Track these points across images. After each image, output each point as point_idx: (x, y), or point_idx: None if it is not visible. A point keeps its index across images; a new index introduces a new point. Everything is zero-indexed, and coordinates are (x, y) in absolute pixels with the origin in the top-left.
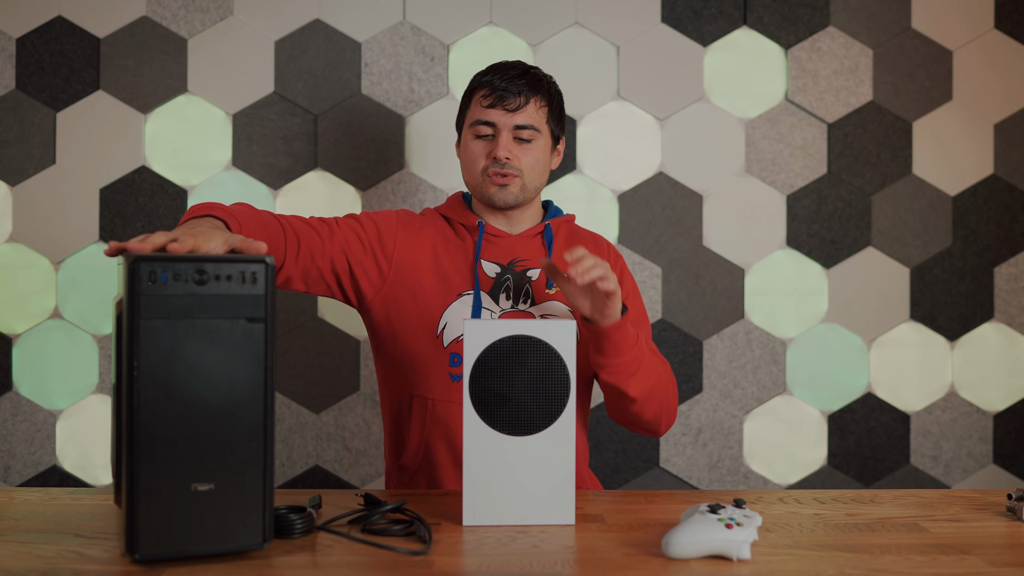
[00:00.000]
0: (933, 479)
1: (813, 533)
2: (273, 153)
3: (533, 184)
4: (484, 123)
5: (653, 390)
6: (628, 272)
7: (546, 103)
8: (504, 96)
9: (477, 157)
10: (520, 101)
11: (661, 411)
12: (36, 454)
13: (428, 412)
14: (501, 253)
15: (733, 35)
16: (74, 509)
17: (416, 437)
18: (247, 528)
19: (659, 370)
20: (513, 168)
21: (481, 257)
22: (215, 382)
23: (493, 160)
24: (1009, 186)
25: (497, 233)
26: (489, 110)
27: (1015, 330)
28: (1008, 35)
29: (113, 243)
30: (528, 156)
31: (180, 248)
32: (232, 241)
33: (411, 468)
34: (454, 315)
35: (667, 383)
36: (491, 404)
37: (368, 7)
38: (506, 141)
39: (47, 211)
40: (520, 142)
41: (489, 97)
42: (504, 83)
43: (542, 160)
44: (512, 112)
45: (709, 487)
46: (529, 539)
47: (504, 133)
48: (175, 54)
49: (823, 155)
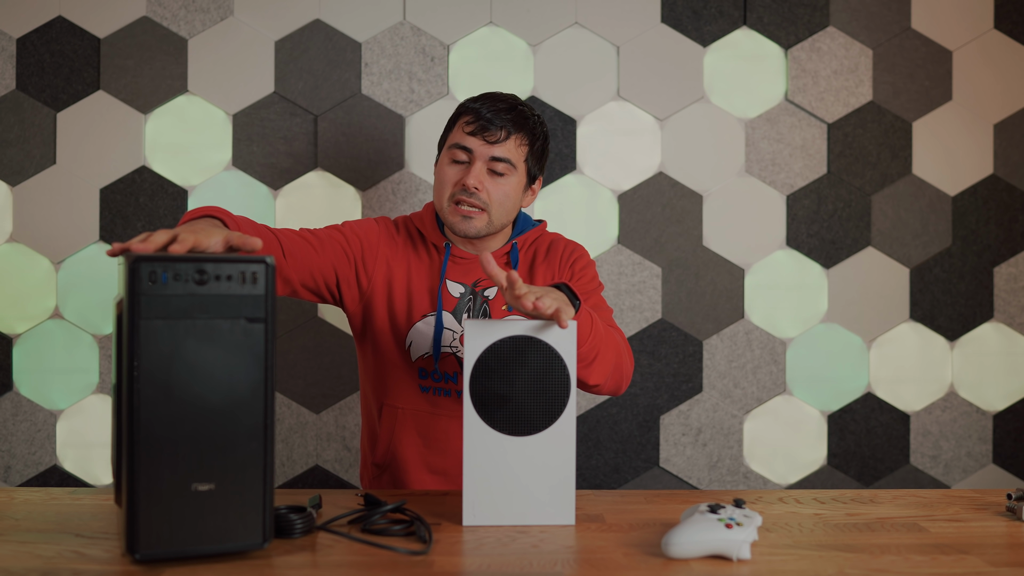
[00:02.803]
0: (933, 479)
1: (813, 533)
2: (273, 153)
3: (499, 220)
4: (461, 148)
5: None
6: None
7: (527, 142)
8: (487, 127)
9: (447, 182)
10: (501, 135)
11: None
12: (36, 454)
13: (397, 420)
14: (466, 273)
15: (733, 35)
16: (74, 509)
17: (385, 440)
18: (247, 528)
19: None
20: (480, 200)
21: (447, 278)
22: (215, 382)
23: (462, 188)
24: (1009, 186)
25: (463, 255)
26: (469, 137)
27: (1015, 330)
28: (1008, 35)
29: (116, 244)
30: (498, 190)
31: (181, 247)
32: (231, 238)
33: (381, 466)
34: (418, 335)
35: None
36: (491, 404)
37: (368, 7)
38: (478, 171)
39: (47, 211)
40: (493, 175)
41: (472, 124)
42: (490, 114)
43: (512, 196)
44: (491, 144)
45: (709, 487)
46: (529, 539)
47: (479, 163)
48: (175, 54)
49: (823, 155)
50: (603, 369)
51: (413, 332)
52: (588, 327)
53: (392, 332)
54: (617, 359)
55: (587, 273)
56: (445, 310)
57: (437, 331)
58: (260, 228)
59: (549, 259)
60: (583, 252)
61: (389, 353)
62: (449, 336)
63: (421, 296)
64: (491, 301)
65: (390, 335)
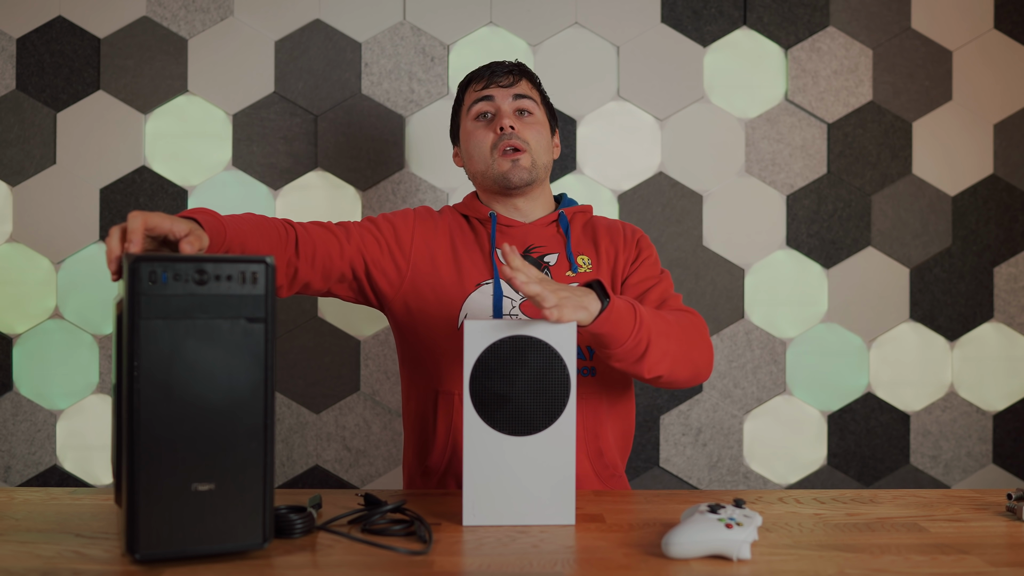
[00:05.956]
0: (933, 479)
1: (813, 533)
2: (273, 153)
3: (541, 160)
4: (483, 99)
5: (675, 361)
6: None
7: (537, 89)
8: (496, 76)
9: (483, 140)
10: (512, 79)
11: (695, 371)
12: (36, 454)
13: (455, 408)
14: (516, 242)
15: (733, 35)
16: (74, 509)
17: (443, 435)
18: (247, 528)
19: (678, 335)
20: (520, 140)
21: (497, 246)
22: (215, 382)
23: (499, 136)
24: (1009, 186)
25: (510, 223)
26: (485, 90)
27: (1015, 330)
28: (1008, 35)
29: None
30: (531, 130)
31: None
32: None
33: (438, 471)
34: (474, 304)
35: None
36: (491, 404)
37: (368, 7)
38: (508, 111)
39: (47, 211)
40: (521, 115)
41: (482, 80)
42: (495, 67)
43: (545, 136)
44: (508, 87)
45: (709, 487)
46: (529, 539)
47: (504, 105)
48: (175, 54)
49: (823, 155)
50: (660, 361)
51: (468, 303)
52: (631, 321)
53: (443, 309)
54: (683, 347)
55: (652, 256)
56: (500, 278)
57: (496, 298)
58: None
59: (612, 237)
60: (644, 234)
61: (439, 335)
62: (508, 304)
63: (472, 265)
64: (552, 267)
65: (439, 314)
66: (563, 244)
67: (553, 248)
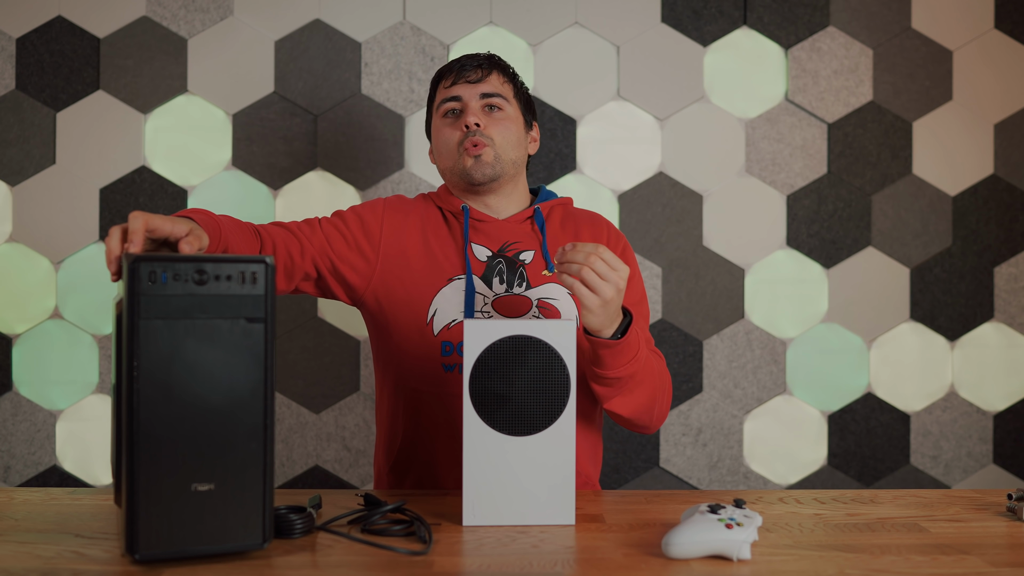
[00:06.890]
0: (933, 479)
1: (813, 533)
2: (273, 153)
3: (508, 156)
4: (451, 99)
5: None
6: (631, 255)
7: (509, 81)
8: (465, 71)
9: (448, 137)
10: (481, 73)
11: (649, 422)
12: (36, 454)
13: (422, 406)
14: (490, 239)
15: (733, 35)
16: (74, 509)
17: (409, 434)
18: (247, 528)
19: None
20: (483, 136)
21: (471, 241)
22: (215, 382)
23: (465, 131)
24: (1009, 186)
25: (482, 218)
26: (453, 87)
27: (1015, 330)
28: (1008, 35)
29: (110, 265)
30: (498, 125)
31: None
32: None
33: (401, 469)
34: (444, 301)
35: (659, 395)
36: (491, 404)
37: (368, 7)
38: (474, 108)
39: (47, 211)
40: (489, 111)
41: (451, 76)
42: (464, 60)
43: (514, 131)
44: (475, 84)
45: (709, 487)
46: (529, 539)
47: (471, 103)
48: (175, 54)
49: (823, 155)
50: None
51: (438, 299)
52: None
53: (411, 305)
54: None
55: (636, 273)
56: (474, 274)
57: (468, 295)
58: (243, 225)
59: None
60: (628, 243)
61: (408, 331)
62: (480, 301)
63: (443, 260)
64: (527, 265)
65: (409, 309)
66: (539, 242)
67: (528, 245)
